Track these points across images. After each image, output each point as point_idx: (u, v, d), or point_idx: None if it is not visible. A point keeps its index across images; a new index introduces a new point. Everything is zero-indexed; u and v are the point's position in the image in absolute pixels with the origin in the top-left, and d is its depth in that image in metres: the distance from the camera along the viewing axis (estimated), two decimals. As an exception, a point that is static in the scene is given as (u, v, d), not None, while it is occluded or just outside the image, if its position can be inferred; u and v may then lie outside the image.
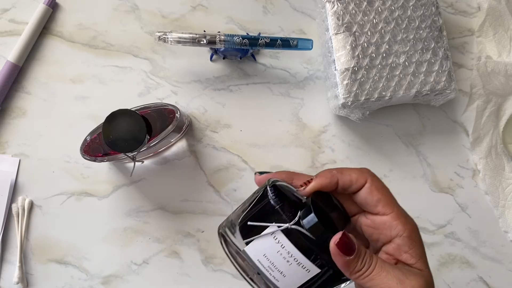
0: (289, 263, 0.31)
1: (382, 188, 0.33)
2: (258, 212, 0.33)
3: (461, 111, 0.55)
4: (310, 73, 0.55)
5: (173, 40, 0.50)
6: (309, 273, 0.31)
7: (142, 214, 0.54)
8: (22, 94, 0.55)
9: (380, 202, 0.32)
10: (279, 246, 0.31)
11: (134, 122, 0.42)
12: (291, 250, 0.31)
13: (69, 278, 0.53)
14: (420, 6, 0.50)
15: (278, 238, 0.31)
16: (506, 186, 0.54)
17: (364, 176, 0.33)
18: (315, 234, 0.31)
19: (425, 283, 0.30)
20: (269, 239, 0.32)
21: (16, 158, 0.54)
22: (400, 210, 0.33)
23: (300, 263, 0.31)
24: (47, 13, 0.55)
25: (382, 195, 0.33)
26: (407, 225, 0.32)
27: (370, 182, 0.33)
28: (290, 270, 0.32)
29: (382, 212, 0.32)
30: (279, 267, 0.32)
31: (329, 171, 0.33)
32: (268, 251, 0.32)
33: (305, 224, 0.31)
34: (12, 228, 0.54)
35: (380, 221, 0.32)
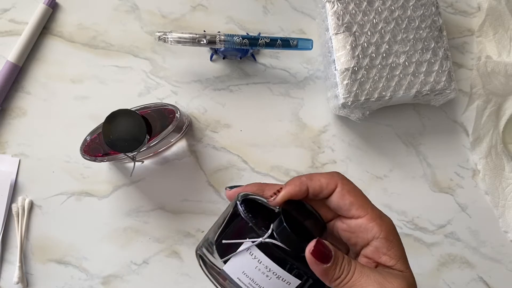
0: (269, 277, 0.31)
1: (354, 190, 0.33)
2: (231, 229, 0.32)
3: (461, 111, 0.55)
4: (310, 73, 0.55)
5: (173, 40, 0.50)
6: (290, 285, 0.31)
7: (142, 214, 0.54)
8: (22, 94, 0.55)
9: (353, 205, 0.32)
10: (256, 262, 0.31)
11: (134, 122, 0.42)
12: (269, 264, 0.31)
13: (69, 278, 0.53)
14: (420, 6, 0.50)
15: (254, 254, 0.31)
16: (506, 186, 0.54)
17: (334, 180, 0.32)
18: (289, 245, 0.30)
19: (406, 285, 0.30)
20: (246, 256, 0.31)
21: (16, 158, 0.54)
22: (375, 211, 0.32)
23: (279, 276, 0.31)
24: (47, 13, 0.55)
25: (355, 198, 0.32)
26: (383, 226, 0.31)
27: (341, 186, 0.32)
28: (271, 285, 0.31)
29: (357, 215, 0.32)
30: (259, 283, 0.31)
31: (298, 178, 0.33)
32: (246, 268, 0.31)
33: (278, 236, 0.30)
34: (12, 228, 0.54)
35: (356, 225, 0.32)
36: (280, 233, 0.30)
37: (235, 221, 0.32)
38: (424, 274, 0.54)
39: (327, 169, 0.54)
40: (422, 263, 0.54)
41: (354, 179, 0.54)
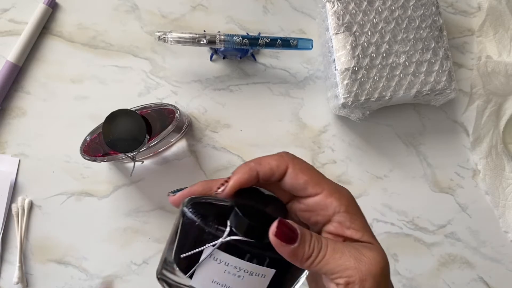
0: (241, 277, 0.28)
1: (306, 169, 0.30)
2: (187, 240, 0.29)
3: (461, 111, 0.55)
4: (310, 73, 0.55)
5: (173, 40, 0.50)
6: (266, 277, 0.29)
7: (142, 214, 0.54)
8: (22, 94, 0.55)
9: (309, 184, 0.30)
10: (223, 265, 0.28)
11: (134, 122, 0.42)
12: (237, 263, 0.28)
13: (69, 278, 0.53)
14: (420, 6, 0.50)
15: (218, 258, 0.28)
16: (507, 186, 0.54)
17: (285, 161, 0.30)
18: (251, 235, 0.28)
19: (381, 257, 0.28)
20: (211, 263, 0.28)
21: (16, 158, 0.54)
22: (331, 185, 0.30)
23: (251, 272, 0.28)
24: (47, 13, 0.55)
25: (309, 176, 0.30)
26: (342, 199, 0.29)
27: (292, 166, 0.30)
28: (245, 284, 0.28)
29: (314, 192, 0.30)
30: (233, 286, 0.29)
31: (246, 165, 0.30)
32: (215, 276, 0.28)
33: (238, 230, 0.28)
34: (12, 228, 0.54)
35: (314, 203, 0.30)
36: (239, 226, 0.28)
37: (188, 230, 0.29)
38: (424, 274, 0.54)
39: (328, 169, 0.54)
40: (422, 263, 0.54)
41: (354, 179, 0.55)
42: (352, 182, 0.54)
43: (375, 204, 0.54)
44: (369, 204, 0.54)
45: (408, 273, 0.54)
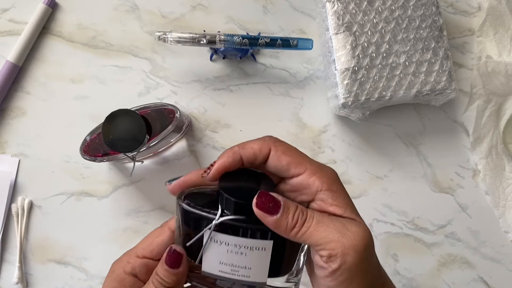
0: (244, 254, 0.30)
1: (288, 150, 0.31)
2: (189, 230, 0.31)
3: (462, 111, 0.55)
4: (310, 73, 0.55)
5: (173, 40, 0.50)
6: (266, 250, 0.30)
7: (142, 214, 0.54)
8: (22, 94, 0.55)
9: (291, 165, 0.30)
10: (224, 246, 0.30)
11: (134, 122, 0.42)
12: (236, 241, 0.30)
13: (68, 278, 0.53)
14: (421, 6, 0.50)
15: (218, 239, 0.30)
16: (507, 186, 0.54)
17: (267, 144, 0.31)
18: (240, 212, 0.29)
19: (364, 232, 0.29)
20: (213, 246, 0.30)
21: (16, 158, 0.54)
22: (314, 165, 0.31)
23: (251, 247, 0.30)
24: (47, 13, 0.55)
25: (290, 157, 0.31)
26: (325, 177, 0.30)
27: (274, 149, 0.31)
28: (249, 259, 0.30)
29: (296, 173, 0.31)
30: (239, 264, 0.30)
31: (230, 150, 0.31)
32: (221, 257, 0.30)
33: (228, 210, 0.30)
34: (12, 228, 0.54)
35: (297, 182, 0.31)
36: (228, 206, 0.30)
37: (187, 221, 0.31)
38: (424, 274, 0.54)
39: (327, 169, 0.54)
40: (422, 263, 0.54)
41: (354, 179, 0.55)
42: (352, 182, 0.54)
43: (375, 204, 0.54)
44: (369, 204, 0.54)
45: (408, 273, 0.54)
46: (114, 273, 0.33)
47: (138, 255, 0.33)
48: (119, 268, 0.33)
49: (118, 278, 0.32)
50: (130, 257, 0.33)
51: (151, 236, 0.34)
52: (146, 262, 0.33)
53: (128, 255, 0.33)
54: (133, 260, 0.33)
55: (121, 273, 0.32)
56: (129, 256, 0.33)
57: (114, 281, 0.32)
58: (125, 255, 0.34)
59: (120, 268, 0.33)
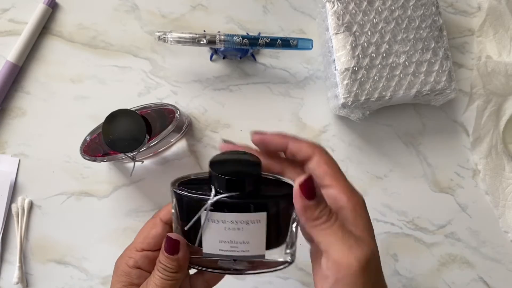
0: (241, 229, 0.31)
1: (329, 162, 0.33)
2: (186, 215, 0.33)
3: (461, 111, 0.55)
4: (310, 73, 0.55)
5: (173, 40, 0.50)
6: (261, 222, 0.31)
7: (142, 214, 0.54)
8: (22, 94, 0.55)
9: (327, 175, 0.33)
10: (221, 224, 0.31)
11: (134, 122, 0.42)
12: (232, 218, 0.31)
13: (68, 278, 0.53)
14: (420, 6, 0.50)
15: (215, 219, 0.31)
16: (507, 186, 0.54)
17: (313, 148, 0.34)
18: (233, 189, 0.31)
19: (372, 253, 0.30)
20: (211, 226, 0.32)
21: (16, 158, 0.54)
22: (347, 184, 0.33)
23: (247, 221, 0.31)
24: (47, 13, 0.55)
25: (329, 168, 0.33)
26: (352, 198, 0.32)
27: (318, 155, 0.33)
28: (247, 234, 0.32)
29: (329, 184, 0.33)
30: (237, 239, 0.32)
31: (283, 133, 0.34)
32: (219, 236, 0.32)
33: (220, 188, 0.31)
34: (12, 228, 0.54)
35: (327, 194, 0.32)
36: (220, 185, 0.31)
37: (184, 206, 0.33)
38: (424, 274, 0.54)
39: (327, 169, 0.54)
40: (422, 263, 0.54)
41: (354, 179, 0.54)
42: (352, 182, 0.54)
43: (375, 204, 0.54)
44: (369, 204, 0.53)
45: (408, 273, 0.54)
46: (119, 269, 0.35)
47: (137, 248, 0.35)
48: (122, 263, 0.35)
49: (123, 273, 0.34)
50: (130, 251, 0.35)
51: (146, 229, 0.36)
52: (146, 254, 0.35)
53: (129, 250, 0.35)
54: (134, 254, 0.35)
55: (125, 267, 0.35)
56: (129, 251, 0.35)
57: (121, 276, 0.34)
58: (126, 250, 0.36)
59: (124, 264, 0.35)
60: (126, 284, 0.34)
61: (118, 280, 0.35)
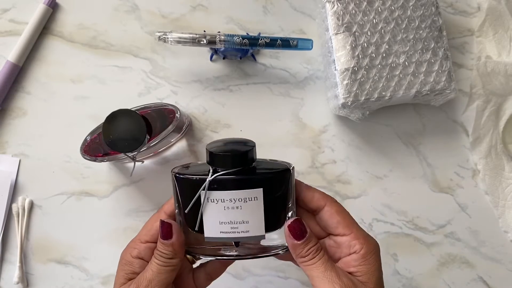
0: (239, 207, 0.33)
1: (341, 211, 0.35)
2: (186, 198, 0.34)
3: (461, 111, 0.55)
4: (310, 73, 0.55)
5: (173, 40, 0.50)
6: (258, 199, 0.33)
7: (142, 214, 0.54)
8: (22, 94, 0.55)
9: (340, 224, 0.35)
10: (220, 203, 0.33)
11: (134, 122, 0.42)
12: (230, 196, 0.32)
13: (69, 278, 0.53)
14: (420, 6, 0.50)
15: (214, 198, 0.33)
16: (506, 186, 0.54)
17: (325, 198, 0.36)
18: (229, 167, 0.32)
19: None
20: (211, 206, 0.33)
21: (16, 158, 0.54)
22: (360, 231, 0.35)
23: (244, 199, 0.33)
24: (47, 13, 0.55)
25: (342, 218, 0.35)
26: (365, 244, 0.34)
27: (329, 205, 0.35)
28: (245, 212, 0.33)
29: (342, 233, 0.35)
30: (237, 219, 0.33)
31: (300, 182, 0.37)
32: (219, 216, 0.33)
33: (217, 166, 0.33)
34: (12, 228, 0.54)
35: (341, 241, 0.35)
36: (217, 163, 0.33)
37: (183, 189, 0.34)
38: (424, 274, 0.54)
39: (328, 169, 0.54)
40: (422, 263, 0.54)
41: (354, 179, 0.55)
42: (352, 182, 0.54)
43: (375, 204, 0.54)
44: (369, 204, 0.54)
45: (408, 273, 0.54)
46: (123, 259, 0.37)
47: (141, 240, 0.37)
48: (127, 254, 0.37)
49: (127, 262, 0.36)
50: (135, 243, 0.37)
51: (150, 222, 0.37)
52: (149, 246, 0.36)
53: (133, 241, 0.37)
54: (138, 245, 0.36)
55: (129, 257, 0.36)
56: (134, 243, 0.37)
57: (124, 265, 0.36)
58: (131, 242, 0.37)
59: (128, 254, 0.36)
60: (128, 272, 0.36)
61: (122, 269, 0.36)
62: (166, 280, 0.34)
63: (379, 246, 0.35)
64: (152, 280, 0.34)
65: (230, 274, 0.53)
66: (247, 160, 0.34)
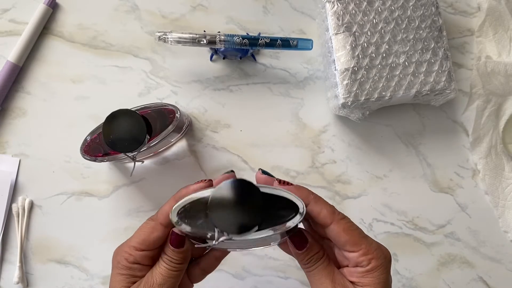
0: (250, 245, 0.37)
1: (349, 229, 0.35)
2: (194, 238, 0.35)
3: (461, 111, 0.55)
4: (310, 73, 0.55)
5: (173, 40, 0.50)
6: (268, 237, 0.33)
7: (142, 214, 0.54)
8: (22, 94, 0.55)
9: (348, 243, 0.34)
10: (232, 243, 0.35)
11: (134, 122, 0.42)
12: (236, 245, 0.36)
13: (69, 278, 0.53)
14: (420, 6, 0.50)
15: (220, 246, 0.36)
16: (506, 186, 0.54)
17: (332, 216, 0.35)
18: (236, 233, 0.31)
19: None
20: (221, 244, 0.33)
21: (16, 158, 0.54)
22: (369, 247, 0.34)
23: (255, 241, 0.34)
24: (47, 13, 0.55)
25: (350, 236, 0.34)
26: (373, 260, 0.34)
27: (336, 223, 0.34)
28: (252, 244, 0.36)
29: (351, 250, 0.34)
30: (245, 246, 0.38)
31: (309, 191, 0.36)
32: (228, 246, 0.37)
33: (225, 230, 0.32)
34: (12, 228, 0.54)
35: (348, 256, 0.35)
36: (225, 229, 0.32)
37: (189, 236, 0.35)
38: (424, 274, 0.54)
39: (327, 169, 0.54)
40: (422, 263, 0.54)
41: (354, 179, 0.55)
42: (352, 182, 0.54)
43: (375, 204, 0.54)
44: (369, 204, 0.54)
45: (407, 273, 0.54)
46: (119, 263, 0.36)
47: (137, 248, 0.36)
48: (122, 259, 0.36)
49: (124, 267, 0.36)
50: (130, 249, 0.36)
51: (145, 233, 0.37)
52: (146, 254, 0.36)
53: (128, 246, 0.37)
54: (134, 252, 0.36)
55: (125, 263, 0.36)
56: (128, 248, 0.37)
57: (123, 270, 0.36)
58: (124, 246, 0.37)
59: (124, 260, 0.36)
60: (128, 276, 0.36)
61: (120, 273, 0.36)
62: (176, 283, 0.35)
63: (390, 257, 0.34)
64: (162, 285, 0.34)
65: (230, 274, 0.53)
66: (254, 226, 0.32)
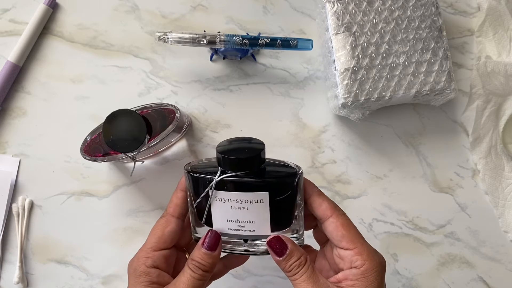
0: (246, 208, 0.34)
1: (347, 225, 0.35)
2: (198, 194, 0.35)
3: (461, 111, 0.55)
4: (310, 73, 0.55)
5: (173, 40, 0.50)
6: (264, 201, 0.34)
7: (142, 214, 0.54)
8: (22, 94, 0.55)
9: (344, 238, 0.34)
10: (228, 203, 0.34)
11: (134, 122, 0.42)
12: (236, 197, 0.34)
13: (69, 278, 0.53)
14: (420, 6, 0.50)
15: (222, 197, 0.34)
16: (506, 186, 0.54)
17: (332, 209, 0.35)
18: (236, 169, 0.33)
19: None
20: (219, 205, 0.34)
21: (16, 158, 0.54)
22: (364, 247, 0.34)
23: (251, 200, 0.33)
24: (47, 13, 0.55)
25: (347, 231, 0.34)
26: (368, 261, 0.33)
27: (336, 217, 0.35)
28: (251, 213, 0.34)
29: (346, 247, 0.34)
30: (243, 218, 0.34)
31: (315, 185, 0.37)
32: (227, 214, 0.34)
33: (225, 168, 0.33)
34: (12, 228, 0.54)
35: (343, 254, 0.34)
36: (226, 165, 0.33)
37: (195, 187, 0.35)
38: (424, 274, 0.54)
39: (327, 169, 0.54)
40: (422, 263, 0.54)
41: (354, 179, 0.55)
42: (351, 182, 0.54)
43: (374, 204, 0.54)
44: (369, 204, 0.54)
45: (407, 273, 0.54)
46: (137, 270, 0.35)
47: (154, 248, 0.35)
48: (140, 264, 0.35)
49: (142, 273, 0.35)
50: (146, 252, 0.36)
51: (159, 229, 0.36)
52: (164, 253, 0.35)
53: (144, 251, 0.36)
54: (151, 254, 0.35)
55: (144, 268, 0.35)
56: (145, 252, 0.36)
57: (140, 277, 0.35)
58: (140, 252, 0.36)
59: (142, 265, 0.35)
60: (147, 284, 0.34)
61: (138, 281, 0.35)
62: None
63: (385, 264, 0.34)
64: None
65: (230, 274, 0.53)
66: (254, 163, 0.34)
